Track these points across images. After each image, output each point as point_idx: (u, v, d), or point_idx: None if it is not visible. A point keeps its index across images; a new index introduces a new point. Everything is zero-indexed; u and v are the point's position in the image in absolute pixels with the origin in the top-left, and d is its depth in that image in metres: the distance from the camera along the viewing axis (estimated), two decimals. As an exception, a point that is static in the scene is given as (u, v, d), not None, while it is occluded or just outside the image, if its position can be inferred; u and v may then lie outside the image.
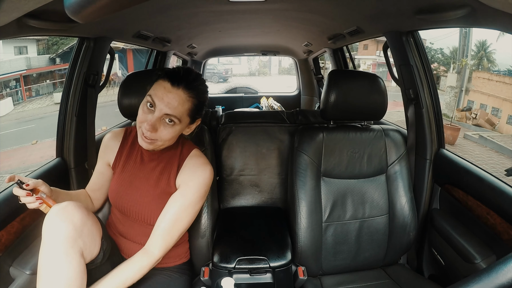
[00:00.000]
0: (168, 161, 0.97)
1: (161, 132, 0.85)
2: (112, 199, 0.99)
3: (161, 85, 0.84)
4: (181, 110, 0.85)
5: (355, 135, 1.25)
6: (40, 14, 0.79)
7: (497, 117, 11.01)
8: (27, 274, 0.97)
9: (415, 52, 1.27)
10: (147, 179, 0.97)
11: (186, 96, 0.85)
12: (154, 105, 0.83)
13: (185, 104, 0.85)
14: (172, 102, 0.83)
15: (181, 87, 0.84)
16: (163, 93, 0.83)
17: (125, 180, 0.98)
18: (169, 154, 0.97)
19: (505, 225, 0.97)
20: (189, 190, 0.92)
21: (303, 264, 1.19)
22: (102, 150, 1.04)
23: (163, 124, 0.85)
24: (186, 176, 0.94)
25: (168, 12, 1.35)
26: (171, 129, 0.86)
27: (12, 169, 7.28)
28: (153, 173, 0.96)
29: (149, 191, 0.95)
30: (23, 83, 13.18)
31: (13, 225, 0.98)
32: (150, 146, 0.88)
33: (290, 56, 3.45)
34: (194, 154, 0.98)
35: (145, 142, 0.86)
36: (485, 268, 0.38)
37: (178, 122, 0.86)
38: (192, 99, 0.86)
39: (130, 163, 1.00)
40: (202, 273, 1.12)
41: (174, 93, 0.83)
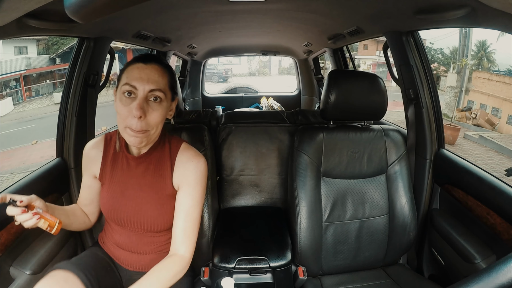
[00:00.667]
0: (159, 161, 0.92)
1: (150, 116, 0.81)
2: (106, 213, 0.94)
3: (133, 67, 0.81)
4: (163, 82, 0.83)
5: (355, 135, 1.25)
6: (40, 14, 0.79)
7: (497, 117, 11.01)
8: (27, 274, 0.97)
9: (415, 52, 1.27)
10: (139, 186, 0.91)
11: (161, 68, 0.83)
12: (134, 88, 0.79)
13: (164, 76, 0.83)
14: (152, 76, 0.81)
15: (154, 63, 0.83)
16: (139, 72, 0.80)
17: (116, 191, 0.92)
18: (158, 154, 0.92)
19: (505, 225, 0.97)
20: (192, 187, 0.90)
21: (303, 264, 1.19)
22: (85, 162, 0.97)
23: (150, 105, 0.81)
24: (183, 173, 0.91)
25: (168, 12, 1.35)
26: (159, 108, 0.82)
27: (12, 169, 7.28)
28: (145, 177, 0.91)
29: (145, 198, 0.90)
30: (23, 83, 13.18)
31: (13, 225, 0.98)
32: (143, 139, 0.82)
33: (290, 56, 3.45)
34: (184, 148, 0.94)
35: (136, 136, 0.81)
36: (485, 268, 0.38)
37: (163, 97, 0.82)
38: (166, 71, 0.85)
39: (117, 171, 0.93)
40: (202, 273, 1.12)
41: (150, 68, 0.81)
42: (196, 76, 3.43)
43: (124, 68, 0.83)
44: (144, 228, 0.92)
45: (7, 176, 6.76)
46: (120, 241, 0.96)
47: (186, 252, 0.88)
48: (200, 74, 3.48)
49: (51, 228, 0.80)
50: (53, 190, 1.19)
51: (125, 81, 0.80)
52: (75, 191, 1.27)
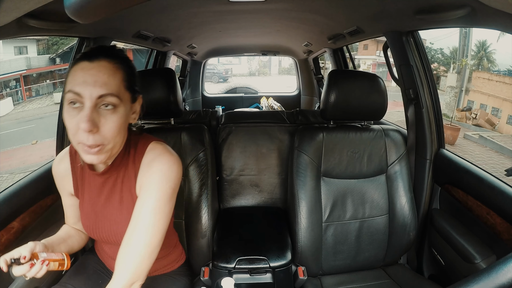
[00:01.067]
0: (125, 172, 0.78)
1: (104, 127, 0.66)
2: (87, 233, 0.86)
3: (77, 69, 0.65)
4: (115, 83, 0.66)
5: (355, 135, 1.25)
6: (40, 14, 0.79)
7: (497, 117, 11.01)
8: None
9: (415, 52, 1.27)
10: (110, 203, 0.80)
11: (112, 65, 0.67)
12: (79, 96, 0.64)
13: (116, 74, 0.67)
14: (100, 77, 0.65)
15: (101, 59, 0.66)
16: (83, 75, 0.64)
17: (89, 212, 0.82)
18: (123, 162, 0.77)
19: (505, 225, 0.97)
20: (148, 192, 0.72)
21: (303, 264, 1.19)
22: (58, 182, 0.86)
23: (101, 115, 0.65)
24: (144, 176, 0.75)
25: (168, 12, 1.35)
26: (114, 116, 0.66)
27: (12, 169, 7.28)
28: (114, 194, 0.79)
29: (119, 217, 0.78)
30: (23, 83, 13.18)
31: (13, 225, 0.98)
32: (100, 156, 0.68)
33: (290, 56, 3.45)
34: (150, 148, 0.77)
35: (91, 153, 0.66)
36: (485, 268, 0.38)
37: (118, 102, 0.67)
38: (121, 66, 0.69)
39: (87, 189, 0.82)
40: (202, 273, 1.12)
41: (97, 66, 0.65)
42: (196, 76, 3.44)
43: (68, 71, 0.68)
44: None
45: (7, 176, 6.76)
46: (111, 253, 0.91)
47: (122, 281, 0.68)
48: (200, 74, 3.48)
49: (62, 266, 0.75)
50: (53, 190, 1.18)
51: (68, 87, 0.65)
52: (75, 191, 1.27)
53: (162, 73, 1.21)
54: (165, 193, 0.72)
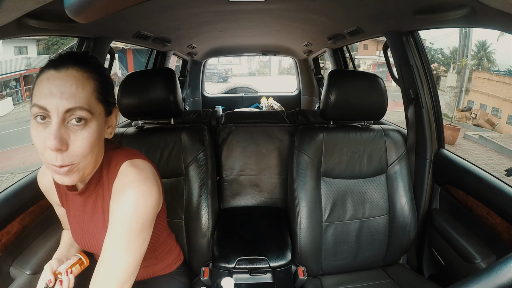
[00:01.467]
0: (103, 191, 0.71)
1: (73, 145, 0.58)
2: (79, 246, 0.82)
3: (43, 79, 0.58)
4: (85, 95, 0.58)
5: (355, 135, 1.25)
6: (40, 14, 0.79)
7: (497, 117, 11.02)
8: (27, 274, 0.97)
9: (415, 52, 1.27)
10: (94, 222, 0.74)
11: (81, 74, 0.59)
12: (45, 110, 0.56)
13: (86, 85, 0.59)
14: (67, 88, 0.57)
15: (69, 67, 0.59)
16: (49, 86, 0.56)
17: (76, 227, 0.78)
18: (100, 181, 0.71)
19: (505, 225, 0.97)
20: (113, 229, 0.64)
21: (303, 264, 1.19)
22: (45, 194, 0.83)
23: (70, 131, 0.58)
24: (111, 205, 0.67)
25: (168, 12, 1.35)
26: (84, 132, 0.59)
27: (12, 169, 7.28)
28: (96, 212, 0.73)
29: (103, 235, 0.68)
30: (23, 83, 13.18)
31: (13, 225, 0.98)
32: (71, 177, 0.60)
33: (290, 56, 3.45)
34: (122, 171, 0.68)
35: (63, 174, 0.59)
36: (485, 268, 0.38)
37: (89, 117, 0.59)
38: (92, 75, 0.61)
39: (70, 205, 0.77)
40: (202, 273, 1.12)
41: (64, 76, 0.57)
42: (196, 76, 3.44)
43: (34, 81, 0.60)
44: None
45: (7, 176, 6.76)
46: None
47: None
48: (200, 74, 3.48)
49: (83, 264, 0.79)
50: (53, 190, 1.18)
51: (34, 100, 0.57)
52: (75, 191, 1.27)
53: (162, 73, 1.21)
54: (132, 229, 0.64)
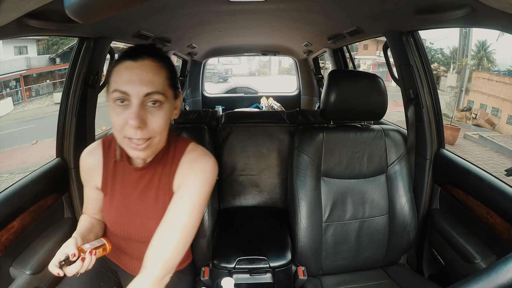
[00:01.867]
0: (163, 171, 0.80)
1: (151, 123, 0.68)
2: (112, 228, 0.85)
3: (121, 68, 0.67)
4: (160, 81, 0.68)
5: (355, 135, 1.25)
6: (40, 14, 0.79)
7: (497, 117, 11.02)
8: (27, 274, 0.97)
9: (415, 52, 1.27)
10: (144, 198, 0.81)
11: (155, 63, 0.68)
12: (126, 94, 0.66)
13: (160, 73, 0.69)
14: (146, 75, 0.66)
15: (145, 58, 0.68)
16: (129, 74, 0.66)
17: (120, 206, 0.82)
18: (162, 162, 0.80)
19: (505, 225, 0.97)
20: (191, 189, 0.75)
21: (303, 264, 1.19)
22: (84, 174, 0.85)
23: (148, 111, 0.68)
24: (183, 174, 0.77)
25: (168, 12, 1.35)
26: (160, 112, 0.69)
27: (12, 169, 7.28)
28: (149, 190, 0.81)
29: (152, 213, 0.80)
30: (23, 83, 13.19)
31: (13, 225, 0.98)
32: (147, 150, 0.70)
33: (290, 56, 3.45)
34: (191, 148, 0.80)
35: (139, 149, 0.68)
36: (485, 268, 0.38)
37: (164, 100, 0.69)
38: (164, 64, 0.70)
39: (119, 183, 0.83)
40: (202, 273, 1.12)
41: (142, 66, 0.67)
42: (196, 76, 3.44)
43: (111, 69, 0.69)
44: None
45: (7, 176, 6.76)
46: (128, 250, 0.91)
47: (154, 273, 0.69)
48: (200, 74, 3.48)
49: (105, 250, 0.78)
50: (53, 190, 1.19)
51: (114, 86, 0.67)
52: (75, 191, 1.27)
53: None
54: (204, 192, 0.75)
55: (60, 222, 1.20)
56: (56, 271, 0.68)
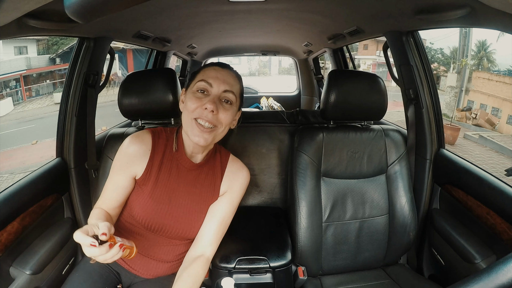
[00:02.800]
0: (210, 171, 0.91)
1: (221, 115, 0.80)
2: (145, 218, 0.85)
3: (210, 69, 0.84)
4: (236, 88, 0.85)
5: (355, 135, 1.25)
6: (40, 14, 0.79)
7: (497, 117, 11.02)
8: (27, 274, 0.97)
9: (415, 52, 1.27)
10: (189, 194, 0.88)
11: (235, 76, 0.86)
12: (209, 85, 0.81)
13: (237, 83, 0.86)
14: (228, 78, 0.83)
15: (229, 69, 0.86)
16: (216, 73, 0.82)
17: (162, 197, 0.86)
18: (210, 164, 0.92)
19: (505, 225, 0.97)
20: (234, 195, 0.92)
21: (303, 264, 1.19)
22: (125, 160, 0.84)
23: (221, 105, 0.81)
24: (231, 181, 0.92)
25: (168, 12, 1.35)
26: (230, 109, 0.82)
27: (12, 169, 7.28)
28: (195, 186, 0.89)
29: (194, 208, 0.89)
30: (23, 83, 13.19)
31: (13, 225, 0.98)
32: (208, 137, 0.79)
33: (290, 56, 3.45)
34: (233, 159, 0.96)
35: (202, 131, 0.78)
36: (485, 268, 0.38)
37: (234, 102, 0.84)
38: (239, 81, 0.88)
39: (164, 175, 0.86)
40: (202, 273, 1.12)
41: (226, 72, 0.84)
42: (196, 76, 3.43)
43: (199, 70, 0.86)
44: (181, 237, 0.90)
45: (7, 176, 6.76)
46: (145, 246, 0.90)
47: (212, 254, 0.89)
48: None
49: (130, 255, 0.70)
50: (53, 190, 1.19)
51: (201, 78, 0.82)
52: (75, 191, 1.27)
53: (162, 73, 1.21)
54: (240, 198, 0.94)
55: (60, 222, 1.20)
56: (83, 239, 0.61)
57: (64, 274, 1.13)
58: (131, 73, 1.24)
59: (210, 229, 0.89)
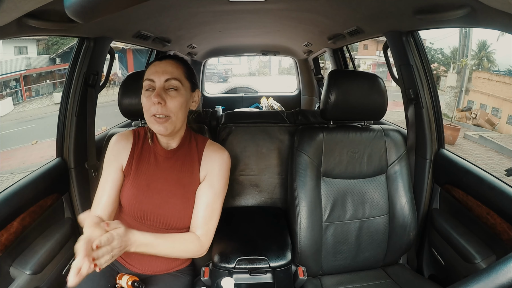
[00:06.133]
0: (186, 157, 0.96)
1: (169, 103, 0.86)
2: (128, 205, 0.92)
3: (151, 67, 0.90)
4: (178, 72, 0.89)
5: (355, 135, 1.25)
6: (40, 14, 0.79)
7: (497, 117, 11.01)
8: (27, 274, 0.97)
9: (415, 52, 1.27)
10: (166, 180, 0.94)
11: (175, 62, 0.91)
12: (152, 81, 0.87)
13: (179, 67, 0.90)
14: (167, 68, 0.88)
15: (168, 59, 0.91)
16: (156, 68, 0.88)
17: (142, 183, 0.93)
18: (185, 150, 0.97)
19: (505, 225, 0.97)
20: (214, 178, 0.95)
21: (303, 264, 1.19)
22: (112, 154, 0.95)
23: (168, 94, 0.87)
24: (208, 165, 0.96)
25: (168, 12, 1.35)
26: (177, 95, 0.87)
27: (12, 169, 7.28)
28: (172, 172, 0.94)
29: (171, 192, 0.93)
30: (23, 83, 13.18)
31: (13, 225, 0.98)
32: (167, 125, 0.87)
33: (290, 56, 3.45)
34: (210, 143, 1.00)
35: (159, 123, 0.86)
36: (485, 268, 0.38)
37: (180, 86, 0.88)
38: (182, 64, 0.92)
39: (143, 165, 0.95)
40: (202, 273, 1.12)
41: (165, 62, 0.89)
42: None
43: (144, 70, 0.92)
44: (165, 224, 0.92)
45: (7, 176, 6.76)
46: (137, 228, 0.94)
47: (202, 236, 0.91)
48: (200, 74, 3.48)
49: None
50: (53, 190, 1.19)
51: (145, 77, 0.89)
52: (75, 191, 1.27)
53: None
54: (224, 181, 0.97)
55: (60, 222, 1.20)
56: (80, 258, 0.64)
57: (64, 274, 1.13)
58: (131, 73, 1.24)
59: (196, 214, 0.93)
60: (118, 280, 0.92)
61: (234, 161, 1.57)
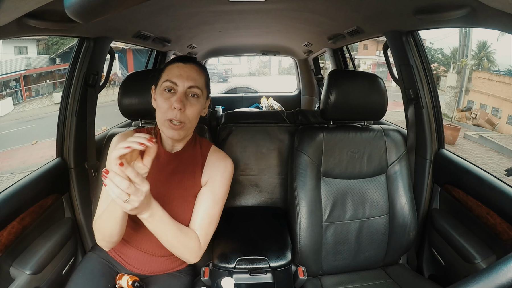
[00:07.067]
0: (190, 160, 0.95)
1: (188, 110, 0.85)
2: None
3: (173, 66, 0.87)
4: (201, 81, 0.88)
5: (355, 135, 1.25)
6: (40, 14, 0.79)
7: (497, 117, 11.01)
8: (27, 274, 0.97)
9: (415, 52, 1.27)
10: (168, 182, 0.93)
11: (198, 68, 0.89)
12: (174, 84, 0.85)
13: (201, 75, 0.89)
14: (191, 74, 0.86)
15: (192, 63, 0.89)
16: (179, 70, 0.86)
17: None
18: (189, 153, 0.96)
19: (505, 225, 0.97)
20: (216, 184, 0.94)
21: (303, 264, 1.19)
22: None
23: (188, 100, 0.86)
24: (211, 171, 0.95)
25: (168, 12, 1.35)
26: (196, 104, 0.87)
27: (12, 169, 7.28)
28: (174, 175, 0.93)
29: (173, 195, 0.92)
30: (23, 83, 13.18)
31: (13, 225, 0.98)
32: (180, 132, 0.86)
33: (290, 56, 3.45)
34: (214, 150, 1.00)
35: (173, 129, 0.85)
36: (485, 268, 0.38)
37: (200, 94, 0.87)
38: (204, 72, 0.91)
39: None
40: (202, 273, 1.12)
41: (189, 67, 0.87)
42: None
43: (164, 67, 0.90)
44: None
45: (7, 176, 6.76)
46: (134, 238, 0.95)
47: (201, 237, 0.89)
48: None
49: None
50: (53, 190, 1.19)
51: (166, 78, 0.86)
52: (75, 191, 1.27)
53: None
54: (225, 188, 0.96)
55: (60, 222, 1.20)
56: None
57: (64, 274, 1.13)
58: (131, 73, 1.25)
59: (194, 218, 0.91)
60: (118, 280, 0.92)
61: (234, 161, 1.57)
